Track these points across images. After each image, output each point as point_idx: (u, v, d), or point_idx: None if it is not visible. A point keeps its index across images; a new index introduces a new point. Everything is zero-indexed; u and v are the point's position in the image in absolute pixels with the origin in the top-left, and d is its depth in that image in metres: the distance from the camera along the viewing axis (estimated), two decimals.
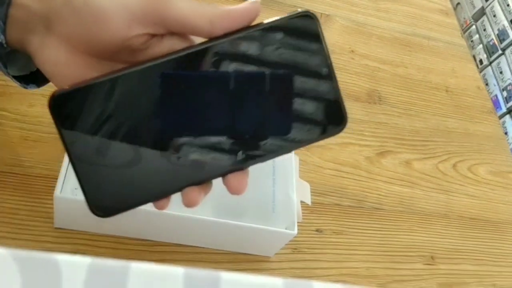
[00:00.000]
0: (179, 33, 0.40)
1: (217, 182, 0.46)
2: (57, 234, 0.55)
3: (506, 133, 1.83)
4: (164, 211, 0.51)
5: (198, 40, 0.40)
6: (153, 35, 0.40)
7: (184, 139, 0.38)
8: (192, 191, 0.39)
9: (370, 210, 0.73)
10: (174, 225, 0.55)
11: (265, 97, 0.39)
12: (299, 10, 0.39)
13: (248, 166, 0.40)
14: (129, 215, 0.52)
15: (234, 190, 0.40)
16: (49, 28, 0.41)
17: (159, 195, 0.40)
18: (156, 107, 0.38)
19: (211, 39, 0.38)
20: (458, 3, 2.29)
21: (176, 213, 0.52)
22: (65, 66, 0.41)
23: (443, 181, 0.81)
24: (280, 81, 0.39)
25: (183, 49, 0.38)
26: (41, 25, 0.41)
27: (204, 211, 0.55)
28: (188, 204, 0.40)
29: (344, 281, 0.64)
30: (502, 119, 1.88)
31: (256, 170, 0.60)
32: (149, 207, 0.51)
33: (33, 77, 0.50)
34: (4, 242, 0.52)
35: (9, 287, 0.34)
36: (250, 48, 0.38)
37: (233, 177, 0.40)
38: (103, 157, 0.38)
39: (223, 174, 0.40)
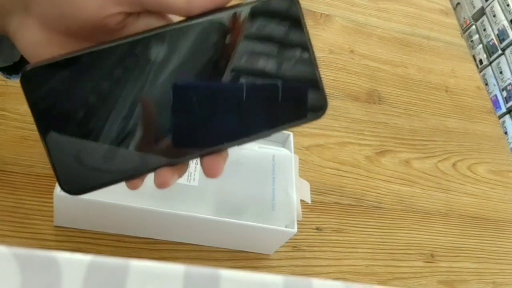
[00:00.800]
0: (156, 12, 0.39)
1: (217, 183, 0.46)
2: (57, 233, 0.55)
3: (506, 133, 1.83)
4: (164, 209, 0.52)
5: (175, 19, 0.39)
6: (129, 14, 0.39)
7: (157, 119, 0.38)
8: (165, 172, 0.38)
9: (370, 208, 0.73)
10: (174, 224, 0.55)
11: (242, 78, 0.38)
12: None
13: (224, 148, 0.39)
14: (129, 213, 0.52)
15: (208, 173, 0.39)
16: (27, 9, 0.40)
17: (131, 174, 0.39)
18: (129, 85, 0.37)
19: (189, 18, 0.37)
20: (458, 3, 2.29)
21: (176, 212, 0.52)
22: (44, 47, 0.40)
23: (442, 180, 0.81)
24: (258, 63, 0.38)
25: (158, 27, 0.38)
26: (19, 6, 0.40)
27: (204, 210, 0.55)
28: (160, 185, 0.39)
29: (344, 279, 0.64)
30: (502, 119, 1.88)
31: (256, 169, 0.60)
32: (149, 205, 0.51)
33: (16, 68, 0.50)
34: (4, 240, 0.52)
35: (9, 286, 0.34)
36: (228, 28, 0.38)
37: (209, 159, 0.39)
38: (75, 134, 0.37)
39: (198, 156, 0.39)
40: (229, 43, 0.38)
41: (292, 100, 0.39)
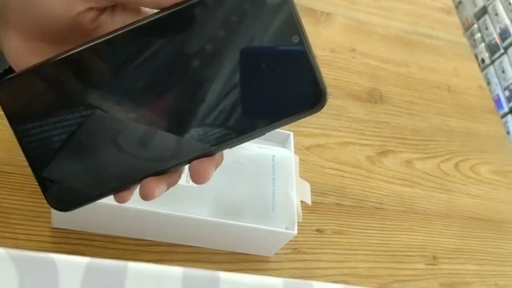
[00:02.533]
0: (126, 5, 0.37)
1: (216, 183, 0.46)
2: (55, 234, 0.55)
3: (508, 133, 1.83)
4: (162, 211, 0.51)
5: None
6: (102, 11, 0.37)
7: (139, 126, 0.35)
8: (150, 182, 0.36)
9: (371, 209, 0.72)
10: (173, 225, 0.55)
11: (228, 72, 0.34)
12: None
13: (214, 152, 0.35)
14: (127, 214, 0.52)
15: (196, 178, 0.36)
16: (4, 18, 0.39)
17: (117, 187, 0.36)
18: (107, 90, 0.34)
19: (163, 9, 0.34)
20: (460, 2, 2.28)
21: (175, 213, 0.52)
22: (26, 56, 0.39)
23: (444, 181, 0.81)
24: (246, 54, 0.34)
25: (132, 23, 0.34)
26: (1, 17, 0.39)
27: (203, 211, 0.54)
28: (144, 196, 0.36)
29: (345, 281, 0.63)
30: (504, 119, 1.87)
31: (256, 169, 0.59)
32: (147, 207, 0.50)
33: (6, 75, 0.50)
34: (2, 242, 0.52)
35: (6, 287, 0.34)
36: (208, 16, 0.34)
37: (197, 163, 0.36)
38: (57, 148, 0.35)
39: (184, 163, 0.35)
40: (212, 35, 0.34)
41: (288, 94, 0.35)
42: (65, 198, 0.36)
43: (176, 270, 0.41)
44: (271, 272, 0.61)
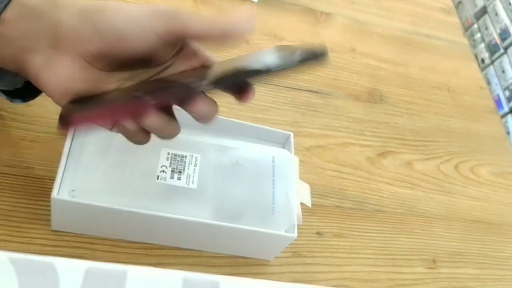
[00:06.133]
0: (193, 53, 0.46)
1: (216, 184, 0.46)
2: (55, 237, 0.54)
3: (508, 133, 1.83)
4: (162, 214, 0.51)
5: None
6: (175, 54, 0.45)
7: None
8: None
9: (371, 212, 0.72)
10: (173, 228, 0.55)
11: None
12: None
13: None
14: (126, 217, 0.52)
15: (200, 114, 0.45)
16: (57, 46, 0.43)
17: None
18: None
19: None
20: (460, 2, 2.28)
21: (174, 216, 0.52)
22: (74, 81, 0.43)
23: (444, 183, 0.81)
24: None
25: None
26: (44, 44, 0.43)
27: (203, 213, 0.54)
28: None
29: (345, 285, 0.63)
30: (504, 119, 1.87)
31: (256, 171, 0.59)
32: (147, 209, 0.50)
33: (18, 93, 0.53)
34: (1, 244, 0.52)
35: None
36: None
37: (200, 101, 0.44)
38: None
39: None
40: None
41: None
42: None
43: (176, 274, 0.40)
44: (271, 276, 0.60)
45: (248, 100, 0.45)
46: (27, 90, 0.52)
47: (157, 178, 0.54)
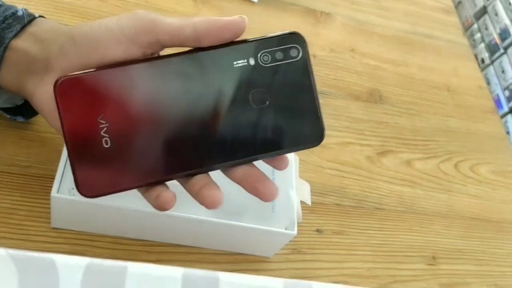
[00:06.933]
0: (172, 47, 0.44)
1: (216, 183, 0.46)
2: (54, 234, 0.55)
3: (508, 133, 1.83)
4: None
5: None
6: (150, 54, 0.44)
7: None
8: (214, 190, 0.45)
9: (371, 210, 0.72)
10: (173, 225, 0.55)
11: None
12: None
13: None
14: (126, 215, 0.52)
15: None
16: (48, 68, 0.44)
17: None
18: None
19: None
20: (460, 2, 2.28)
21: (174, 213, 0.52)
22: None
23: (444, 181, 0.81)
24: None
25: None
26: (40, 67, 0.45)
27: (203, 211, 0.54)
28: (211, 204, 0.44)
29: (345, 282, 0.63)
30: (504, 119, 1.87)
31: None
32: (146, 207, 0.50)
33: (19, 110, 0.55)
34: (1, 242, 0.52)
35: (6, 287, 0.34)
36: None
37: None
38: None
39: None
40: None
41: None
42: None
43: (176, 271, 0.40)
44: (271, 272, 0.61)
45: None
46: (27, 107, 0.54)
47: None
